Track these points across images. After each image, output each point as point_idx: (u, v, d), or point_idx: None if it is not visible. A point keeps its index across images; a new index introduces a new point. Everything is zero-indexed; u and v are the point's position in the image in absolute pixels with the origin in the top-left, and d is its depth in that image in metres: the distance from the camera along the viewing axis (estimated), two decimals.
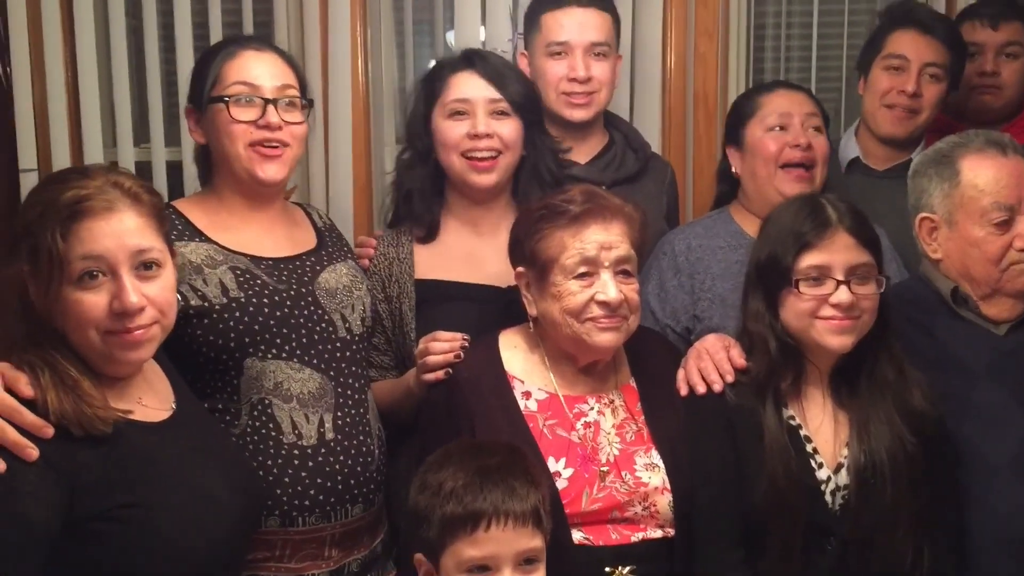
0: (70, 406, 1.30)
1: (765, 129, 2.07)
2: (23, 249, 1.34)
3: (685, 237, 2.10)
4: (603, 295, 1.63)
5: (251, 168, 1.74)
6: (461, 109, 1.93)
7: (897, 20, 2.32)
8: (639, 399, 1.73)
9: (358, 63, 2.63)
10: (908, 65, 2.27)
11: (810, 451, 1.67)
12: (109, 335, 1.36)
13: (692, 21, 2.71)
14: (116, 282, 1.35)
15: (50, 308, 1.34)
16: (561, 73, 2.18)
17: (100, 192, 1.34)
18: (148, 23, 2.56)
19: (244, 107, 1.73)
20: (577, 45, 2.18)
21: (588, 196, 1.69)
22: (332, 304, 1.79)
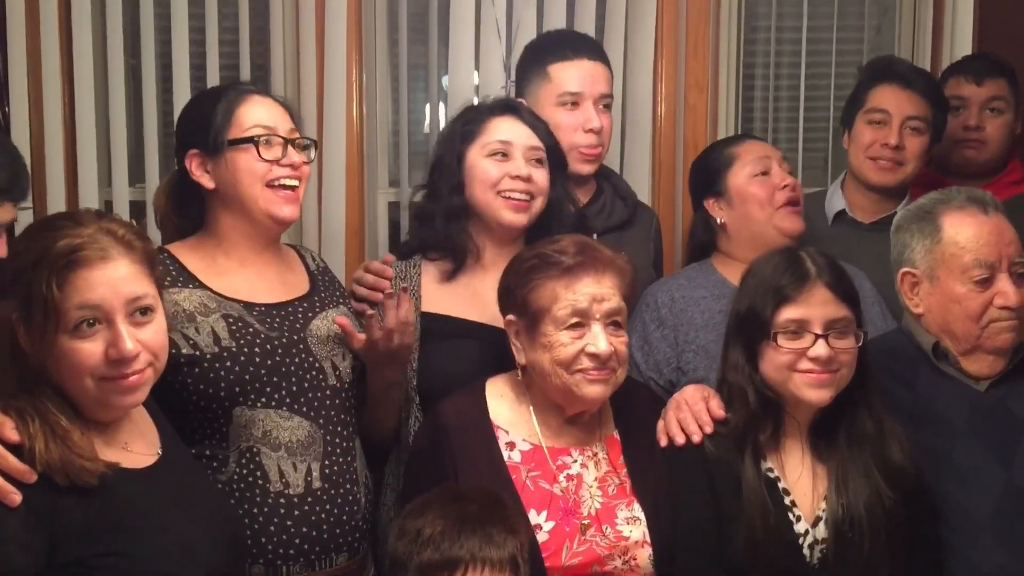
0: (58, 456, 1.31)
1: (749, 176, 2.12)
2: (14, 295, 1.35)
3: (668, 289, 2.13)
4: (594, 347, 1.65)
5: (269, 208, 1.77)
6: (502, 150, 1.95)
7: (879, 75, 2.38)
8: (622, 452, 1.74)
9: (353, 106, 2.68)
10: (890, 119, 2.32)
11: (788, 504, 1.68)
12: (104, 381, 1.37)
13: (682, 73, 2.76)
14: (112, 330, 1.36)
15: (43, 355, 1.35)
16: (575, 123, 2.21)
17: (93, 241, 1.36)
18: (147, 64, 2.60)
19: (267, 147, 1.77)
20: (589, 96, 2.23)
21: (581, 247, 1.71)
22: (323, 351, 1.80)
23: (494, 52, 2.68)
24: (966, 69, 2.54)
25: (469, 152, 1.97)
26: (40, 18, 2.53)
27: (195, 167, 1.79)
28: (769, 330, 1.67)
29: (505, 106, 2.04)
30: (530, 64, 2.32)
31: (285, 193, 1.78)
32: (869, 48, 2.95)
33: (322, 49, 2.62)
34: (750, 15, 2.91)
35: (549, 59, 2.26)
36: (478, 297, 1.96)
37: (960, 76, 2.53)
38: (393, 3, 2.72)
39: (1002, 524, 1.72)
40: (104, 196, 2.63)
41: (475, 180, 1.97)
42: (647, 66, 2.73)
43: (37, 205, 2.53)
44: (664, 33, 2.74)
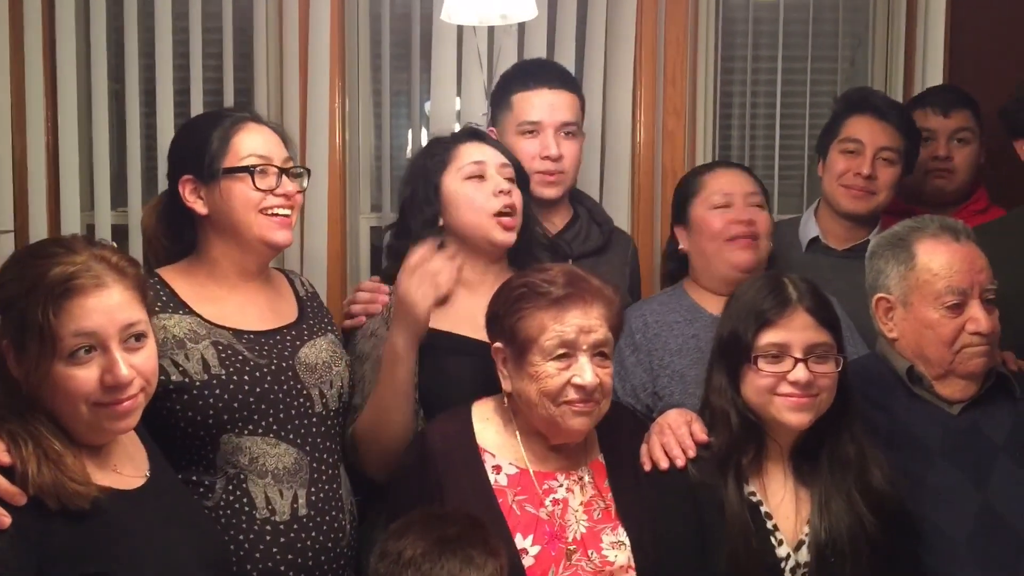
0: (51, 480, 1.31)
1: (709, 207, 2.14)
2: (5, 322, 1.35)
3: (641, 314, 2.15)
4: (580, 379, 1.65)
5: (264, 235, 1.78)
6: (478, 172, 1.96)
7: (853, 106, 2.44)
8: (607, 476, 1.76)
9: (336, 132, 2.70)
10: (863, 149, 2.38)
11: (770, 528, 1.70)
12: (98, 407, 1.38)
13: (661, 100, 2.81)
14: (107, 356, 1.37)
15: (36, 381, 1.36)
16: (533, 151, 2.25)
17: (87, 268, 1.37)
18: (130, 88, 2.61)
19: (262, 177, 1.78)
20: (548, 125, 2.26)
21: (570, 278, 1.72)
22: (311, 379, 1.81)
23: (475, 79, 2.72)
24: (932, 101, 2.61)
25: (444, 180, 1.98)
26: (24, 41, 2.54)
27: (188, 193, 1.80)
28: (750, 353, 1.70)
29: (470, 132, 2.07)
30: (498, 94, 2.37)
31: (279, 219, 1.80)
32: (843, 79, 3.02)
33: (305, 75, 2.64)
34: (727, 44, 2.96)
35: (513, 88, 2.31)
36: (475, 317, 1.91)
37: (927, 108, 2.60)
38: (376, 30, 2.75)
39: (978, 545, 1.75)
40: (86, 220, 2.63)
41: (460, 206, 1.97)
42: (626, 93, 2.77)
43: (19, 228, 2.54)
44: (643, 61, 2.78)
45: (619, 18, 2.76)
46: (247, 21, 2.65)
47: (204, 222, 1.82)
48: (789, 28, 2.98)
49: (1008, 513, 1.76)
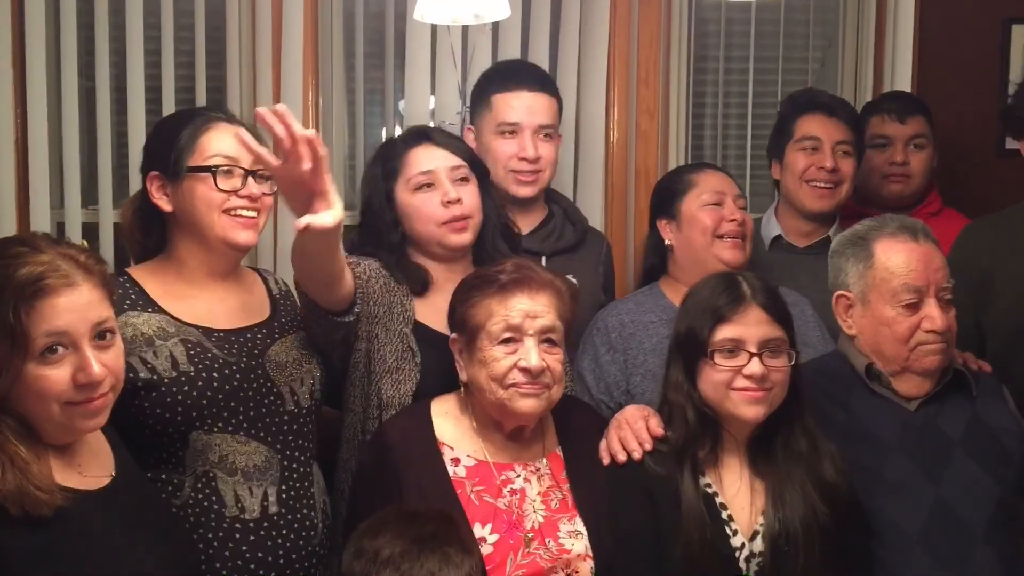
0: (14, 486, 1.30)
1: (701, 204, 2.19)
2: None
3: (617, 313, 2.18)
4: (525, 362, 1.69)
5: (226, 235, 1.77)
6: (427, 181, 1.97)
7: (802, 106, 2.51)
8: (565, 467, 1.78)
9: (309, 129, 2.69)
10: (821, 145, 2.44)
11: (725, 518, 1.73)
12: (69, 406, 1.38)
13: (634, 100, 2.83)
14: (79, 355, 1.37)
15: (8, 383, 1.34)
16: (511, 152, 2.27)
17: (55, 267, 1.36)
18: (101, 85, 2.60)
19: (226, 178, 1.77)
20: (527, 126, 2.28)
21: (518, 267, 1.77)
22: (281, 377, 1.81)
23: (449, 78, 2.72)
24: (888, 108, 2.67)
25: (396, 189, 2.00)
26: None
27: (155, 189, 1.80)
28: (706, 348, 1.73)
29: (418, 135, 2.06)
30: (477, 93, 2.38)
31: (243, 220, 1.78)
32: (814, 79, 3.04)
33: (278, 73, 2.64)
34: (699, 45, 2.99)
35: (492, 89, 2.32)
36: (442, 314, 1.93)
37: (884, 115, 2.66)
38: (350, 28, 2.76)
39: (932, 540, 1.77)
40: (56, 218, 2.62)
41: (412, 217, 1.98)
42: (599, 93, 2.79)
43: None
44: (616, 61, 2.80)
45: (592, 18, 2.77)
46: (219, 18, 2.65)
47: (171, 220, 1.82)
48: (761, 28, 3.00)
49: (961, 507, 1.79)
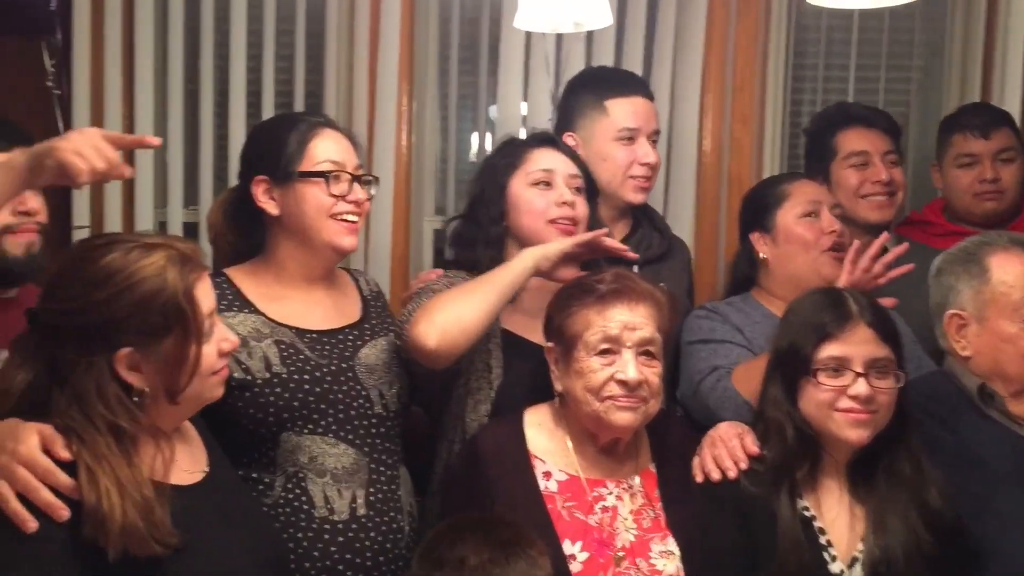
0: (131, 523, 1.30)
1: (797, 216, 2.14)
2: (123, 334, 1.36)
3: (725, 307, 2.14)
4: (623, 374, 1.67)
5: (332, 239, 1.82)
6: (545, 179, 1.98)
7: (839, 122, 2.48)
8: (658, 485, 1.75)
9: (402, 135, 2.73)
10: (871, 158, 2.42)
11: (823, 543, 1.68)
12: (214, 376, 1.46)
13: (728, 107, 2.78)
14: (219, 328, 1.46)
15: (190, 371, 1.40)
16: (629, 158, 2.27)
17: (191, 257, 1.42)
18: (204, 88, 2.67)
19: (335, 183, 1.81)
20: (645, 131, 2.29)
21: (617, 277, 1.75)
22: (371, 380, 1.83)
23: (542, 84, 2.72)
24: (970, 124, 2.55)
25: (512, 183, 2.00)
26: (104, 42, 2.60)
27: (261, 193, 1.83)
28: (810, 366, 1.68)
29: (543, 138, 2.08)
30: (583, 98, 2.36)
31: (347, 225, 1.83)
32: (916, 88, 2.95)
33: (374, 77, 2.67)
34: (799, 51, 2.92)
35: (607, 94, 2.30)
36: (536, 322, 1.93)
37: (966, 132, 2.55)
38: (445, 34, 2.78)
39: None
40: (159, 217, 2.70)
41: (521, 210, 1.99)
42: (693, 100, 2.75)
43: (94, 225, 2.62)
44: (711, 68, 2.76)
45: (689, 24, 2.74)
46: (319, 24, 2.70)
47: (274, 223, 1.85)
48: (863, 36, 2.92)
49: None
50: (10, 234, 1.72)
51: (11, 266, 1.70)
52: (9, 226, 1.71)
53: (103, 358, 1.36)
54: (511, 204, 2.00)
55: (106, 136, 1.43)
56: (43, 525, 1.29)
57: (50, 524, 1.29)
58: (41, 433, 1.34)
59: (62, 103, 2.61)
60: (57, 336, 1.37)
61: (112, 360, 1.36)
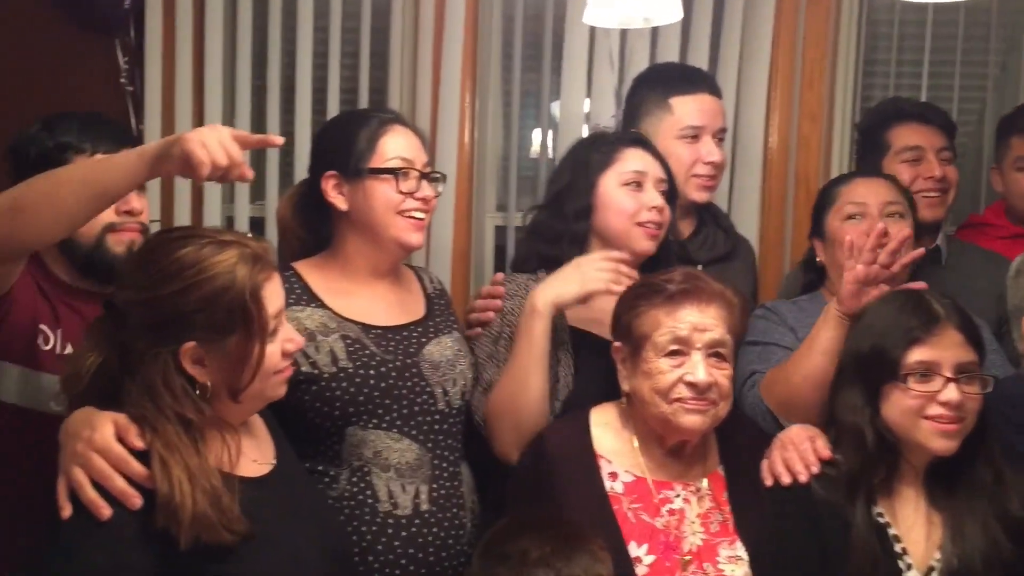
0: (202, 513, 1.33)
1: (842, 219, 2.08)
2: (189, 329, 1.38)
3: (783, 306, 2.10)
4: (692, 376, 1.65)
5: (400, 236, 1.83)
6: (637, 180, 1.96)
7: (892, 116, 2.42)
8: (726, 488, 1.73)
9: (465, 131, 2.73)
10: (924, 154, 2.36)
11: (898, 551, 1.63)
12: (276, 375, 1.47)
13: (796, 103, 2.74)
14: (284, 328, 1.48)
15: (253, 370, 1.41)
16: (693, 156, 2.24)
17: (260, 257, 1.43)
18: (271, 86, 2.69)
19: (404, 180, 1.82)
20: (710, 129, 2.25)
21: (687, 277, 1.72)
22: (435, 377, 1.83)
23: (606, 81, 2.71)
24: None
25: (602, 180, 1.98)
26: (175, 41, 2.65)
27: (330, 188, 1.84)
28: (897, 371, 1.62)
29: (634, 139, 2.06)
30: (648, 95, 2.33)
31: (415, 222, 1.84)
32: (993, 84, 2.87)
33: (438, 73, 2.68)
34: (870, 46, 2.86)
35: (672, 91, 2.28)
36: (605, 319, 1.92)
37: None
38: (508, 30, 2.77)
39: None
40: (226, 212, 2.73)
41: (610, 209, 1.97)
42: (760, 96, 2.72)
43: (164, 219, 2.66)
44: (779, 63, 2.73)
45: (756, 18, 2.70)
46: (384, 20, 2.71)
47: (342, 218, 1.86)
48: (937, 30, 2.85)
49: None
50: (113, 232, 1.76)
51: (112, 264, 1.74)
52: (112, 225, 1.76)
53: (169, 350, 1.38)
54: (600, 201, 1.98)
55: (234, 134, 1.46)
56: (116, 512, 1.31)
57: (123, 511, 1.32)
58: (116, 422, 1.36)
59: (135, 99, 2.67)
60: (128, 325, 1.40)
61: (177, 353, 1.38)
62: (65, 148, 1.77)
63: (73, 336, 1.76)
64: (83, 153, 1.76)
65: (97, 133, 1.79)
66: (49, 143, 1.77)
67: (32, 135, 1.80)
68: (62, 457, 1.38)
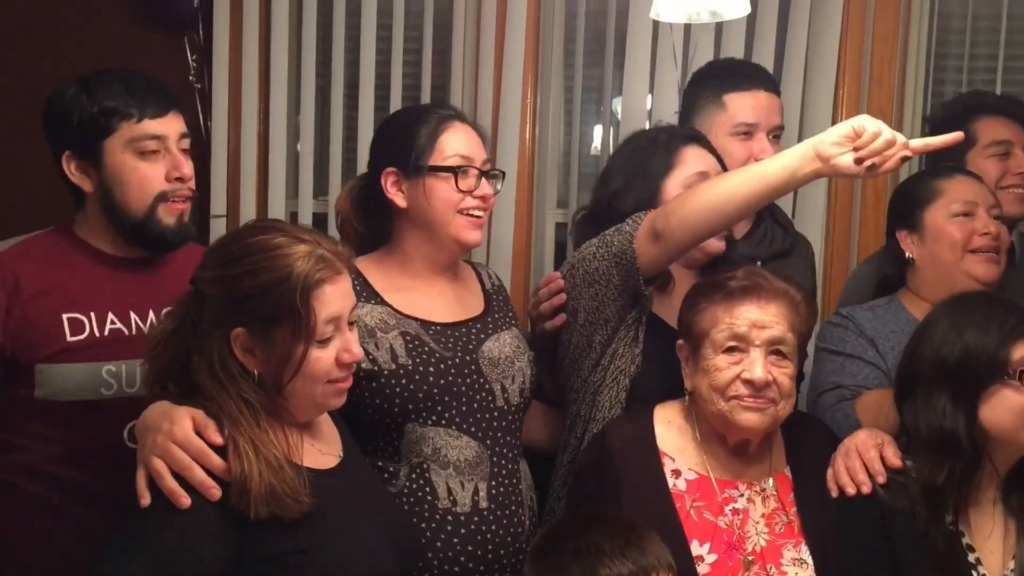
0: (267, 489, 1.35)
1: (950, 215, 2.04)
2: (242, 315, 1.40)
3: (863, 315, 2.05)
4: (749, 374, 1.62)
5: (459, 234, 1.83)
6: (699, 182, 1.90)
7: (974, 109, 2.36)
8: (792, 490, 1.70)
9: (526, 127, 2.73)
10: (1012, 148, 2.31)
11: (972, 561, 1.59)
12: (329, 384, 1.46)
13: (865, 99, 2.68)
14: (343, 337, 1.46)
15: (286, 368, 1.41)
16: (747, 154, 2.19)
17: (325, 257, 1.43)
18: (336, 82, 2.72)
19: (464, 178, 1.82)
20: (764, 127, 2.21)
21: (749, 274, 1.70)
22: (494, 374, 1.83)
23: (669, 77, 2.68)
24: None
25: (666, 184, 1.93)
26: (242, 40, 2.69)
27: (390, 185, 1.84)
28: (1004, 370, 1.57)
29: (689, 135, 2.02)
30: (703, 91, 2.30)
31: (474, 220, 1.84)
32: None
33: (500, 70, 2.68)
34: (940, 42, 2.79)
35: (726, 88, 2.23)
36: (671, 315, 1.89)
37: None
38: (571, 27, 2.76)
39: None
40: (290, 207, 2.77)
41: None
42: (827, 92, 2.67)
43: (231, 214, 2.71)
44: (847, 59, 2.67)
45: (824, 13, 2.65)
46: (447, 17, 2.72)
47: (401, 215, 1.86)
48: (1012, 24, 2.77)
49: None
50: (164, 203, 1.73)
51: (164, 233, 1.73)
52: (165, 194, 1.72)
53: (224, 332, 1.40)
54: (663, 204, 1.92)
55: None
56: (195, 500, 1.34)
57: (202, 499, 1.35)
58: (194, 417, 1.39)
59: (202, 97, 2.72)
60: (199, 301, 1.43)
61: (229, 336, 1.40)
62: (111, 113, 1.69)
63: (116, 306, 1.73)
64: (130, 119, 1.69)
65: (143, 97, 1.70)
66: (92, 108, 1.68)
67: (71, 98, 1.70)
68: (140, 449, 1.41)
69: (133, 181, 1.70)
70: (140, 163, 1.70)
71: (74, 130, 1.70)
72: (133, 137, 1.69)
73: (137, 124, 1.69)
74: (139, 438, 1.43)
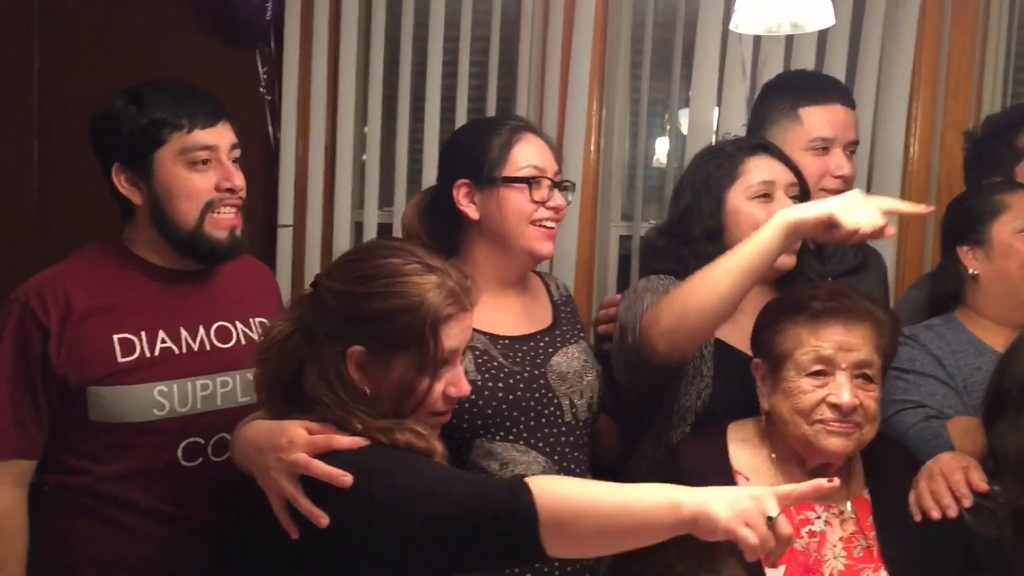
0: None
1: (1017, 230, 1.97)
2: (364, 333, 1.39)
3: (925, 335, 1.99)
4: (835, 398, 1.58)
5: (532, 246, 1.82)
6: (765, 191, 1.89)
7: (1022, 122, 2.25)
8: (871, 513, 1.65)
9: (591, 139, 2.72)
10: None
11: None
12: (432, 416, 1.45)
13: (940, 113, 2.63)
14: (455, 372, 1.45)
15: (394, 393, 1.41)
16: (822, 169, 2.14)
17: (456, 294, 1.42)
18: (402, 95, 2.74)
19: (537, 189, 1.81)
20: (840, 142, 2.16)
21: (833, 294, 1.66)
22: (562, 388, 1.81)
23: (737, 89, 2.65)
24: None
25: (730, 196, 1.90)
26: (312, 53, 2.73)
27: (462, 196, 1.84)
28: None
29: (757, 145, 1.98)
30: (776, 103, 2.26)
31: (546, 231, 1.82)
32: None
33: (566, 81, 2.68)
34: (1020, 54, 2.71)
35: (801, 101, 2.19)
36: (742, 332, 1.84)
37: None
38: (638, 38, 2.74)
39: None
40: (356, 218, 2.80)
41: (741, 225, 1.88)
42: (901, 105, 2.62)
43: (297, 223, 2.74)
44: (922, 71, 2.63)
45: (898, 25, 2.60)
46: (513, 29, 2.73)
47: (471, 226, 1.85)
48: None
49: None
50: (211, 213, 1.70)
51: (216, 248, 1.72)
52: (211, 202, 1.70)
53: (342, 346, 1.39)
54: (730, 220, 1.90)
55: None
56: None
57: None
58: (307, 427, 1.38)
59: (272, 108, 2.75)
60: (321, 308, 1.42)
61: (346, 352, 1.39)
62: (161, 124, 1.67)
63: (166, 323, 1.71)
64: (180, 130, 1.67)
65: (193, 108, 1.69)
66: (142, 119, 1.67)
67: (120, 110, 1.69)
68: (258, 473, 1.39)
69: (184, 192, 1.69)
70: (191, 174, 1.69)
71: (124, 143, 1.69)
72: (184, 148, 1.69)
73: (188, 135, 1.68)
74: (251, 461, 1.41)
